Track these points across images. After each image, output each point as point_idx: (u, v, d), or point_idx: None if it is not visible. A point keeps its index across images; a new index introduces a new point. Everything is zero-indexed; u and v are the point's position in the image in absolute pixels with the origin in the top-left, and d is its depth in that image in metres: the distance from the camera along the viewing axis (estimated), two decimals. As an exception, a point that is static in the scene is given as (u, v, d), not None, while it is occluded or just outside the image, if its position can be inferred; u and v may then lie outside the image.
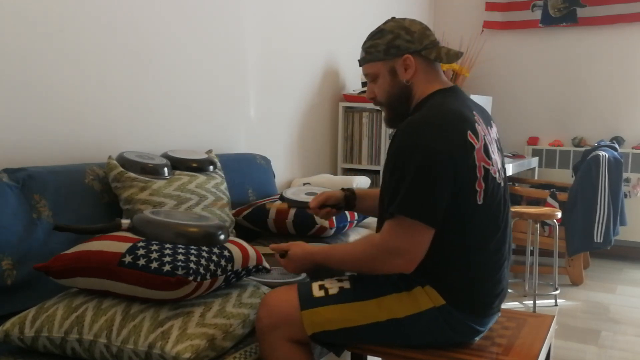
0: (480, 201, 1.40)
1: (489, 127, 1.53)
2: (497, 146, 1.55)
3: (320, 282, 1.52)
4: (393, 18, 1.56)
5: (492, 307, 1.49)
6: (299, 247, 1.57)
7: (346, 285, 1.50)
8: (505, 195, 1.51)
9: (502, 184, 1.49)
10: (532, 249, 3.48)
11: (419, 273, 1.42)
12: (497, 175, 1.45)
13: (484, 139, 1.44)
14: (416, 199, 1.34)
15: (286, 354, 1.46)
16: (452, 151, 1.35)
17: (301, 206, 2.06)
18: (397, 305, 1.44)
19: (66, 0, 1.98)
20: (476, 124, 1.43)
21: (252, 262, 1.60)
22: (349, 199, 1.80)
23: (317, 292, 1.48)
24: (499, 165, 1.50)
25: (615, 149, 4.02)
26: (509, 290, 3.56)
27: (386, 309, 1.44)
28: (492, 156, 1.45)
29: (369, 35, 1.57)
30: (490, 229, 1.44)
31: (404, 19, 1.55)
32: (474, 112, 1.47)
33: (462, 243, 1.42)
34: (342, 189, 1.81)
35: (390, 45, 1.51)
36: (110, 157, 1.95)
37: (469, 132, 1.39)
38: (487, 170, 1.41)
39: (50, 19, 1.94)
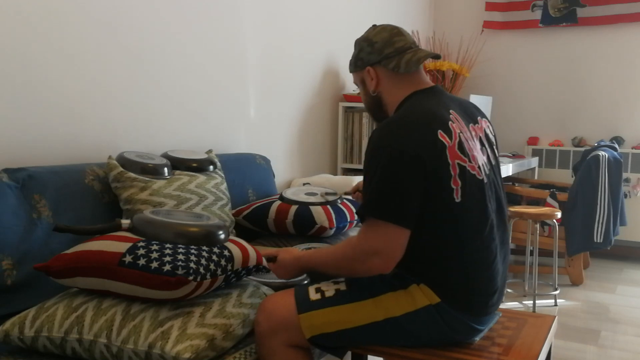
0: (458, 198, 1.39)
1: (471, 125, 1.53)
2: (482, 142, 1.54)
3: (316, 285, 1.52)
4: (372, 26, 1.61)
5: (487, 306, 1.48)
6: (287, 253, 1.60)
7: (342, 287, 1.50)
8: (492, 191, 1.49)
9: (486, 180, 1.47)
10: (532, 249, 3.48)
11: (412, 272, 1.44)
12: (476, 172, 1.44)
13: (459, 136, 1.43)
14: (383, 200, 1.36)
15: (286, 358, 1.46)
16: (418, 150, 1.36)
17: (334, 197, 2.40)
18: (394, 303, 1.44)
19: (66, 0, 1.98)
20: (450, 122, 1.43)
21: (252, 262, 1.60)
22: None
23: (313, 295, 1.48)
24: (482, 162, 1.48)
25: (615, 149, 4.02)
26: (509, 290, 3.56)
27: (383, 308, 1.44)
28: (470, 153, 1.44)
29: None
30: (476, 225, 1.43)
31: (374, 28, 1.60)
32: (451, 111, 1.48)
33: (449, 241, 1.42)
34: None
35: (357, 58, 1.60)
36: (110, 157, 1.95)
37: (439, 131, 1.39)
38: (463, 167, 1.41)
39: (50, 19, 1.94)
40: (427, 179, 1.36)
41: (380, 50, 1.54)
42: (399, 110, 1.51)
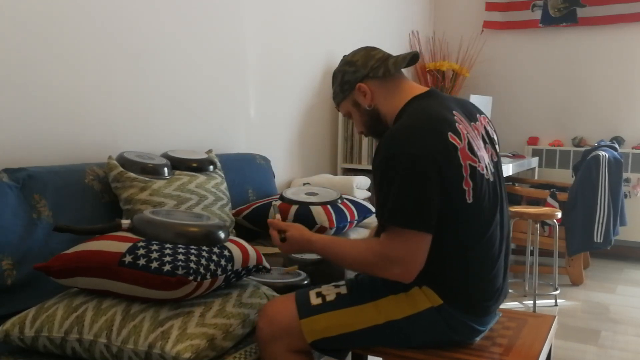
0: (470, 200, 1.39)
1: (473, 123, 1.52)
2: (484, 140, 1.54)
3: (317, 290, 1.52)
4: (343, 57, 1.63)
5: (489, 306, 1.48)
6: (297, 231, 1.55)
7: (343, 290, 1.50)
8: (496, 189, 1.49)
9: (492, 179, 1.48)
10: (532, 249, 3.48)
11: None
12: (485, 172, 1.45)
13: (467, 136, 1.43)
14: (406, 207, 1.35)
15: None
16: (434, 154, 1.35)
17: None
18: (395, 307, 1.44)
19: (66, 1, 1.98)
20: (457, 124, 1.43)
21: (252, 262, 1.60)
22: None
23: (314, 300, 1.48)
24: (487, 161, 1.48)
25: (615, 149, 4.01)
26: (509, 290, 3.56)
27: (384, 311, 1.44)
28: (478, 153, 1.44)
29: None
30: (482, 226, 1.44)
31: (347, 56, 1.61)
32: (454, 112, 1.47)
33: (456, 242, 1.42)
34: None
35: (343, 83, 1.59)
36: (110, 157, 1.95)
37: (449, 133, 1.39)
38: (473, 168, 1.40)
39: (50, 20, 1.94)
40: (443, 182, 1.36)
41: (364, 65, 1.55)
42: (402, 117, 1.48)
